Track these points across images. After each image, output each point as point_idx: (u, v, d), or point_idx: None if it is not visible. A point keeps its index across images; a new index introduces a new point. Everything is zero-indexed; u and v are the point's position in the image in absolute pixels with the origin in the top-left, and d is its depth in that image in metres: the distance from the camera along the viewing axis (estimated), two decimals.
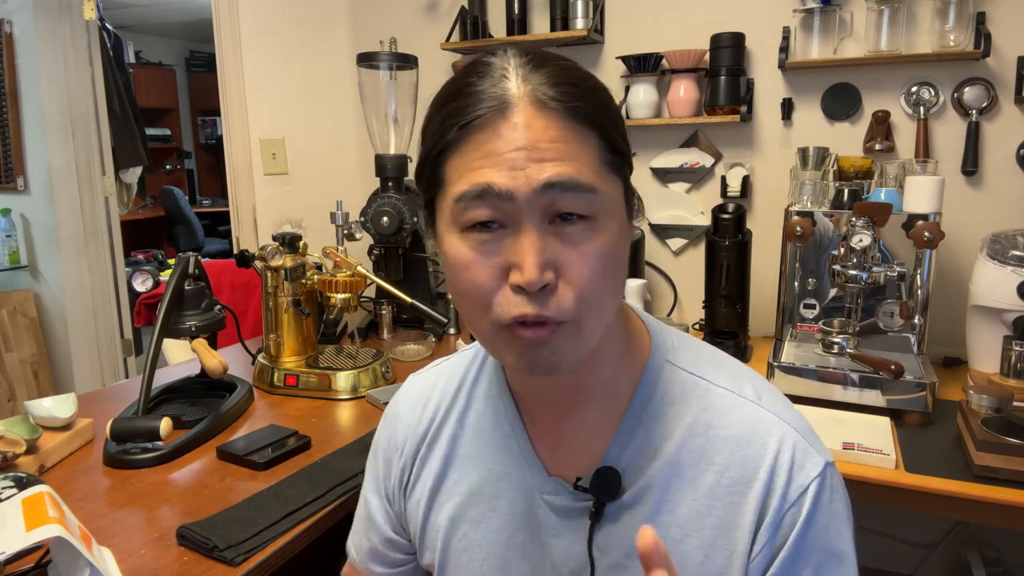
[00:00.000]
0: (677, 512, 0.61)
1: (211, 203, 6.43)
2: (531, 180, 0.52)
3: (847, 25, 1.81)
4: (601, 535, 0.63)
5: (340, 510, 1.05)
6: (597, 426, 0.64)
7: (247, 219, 2.37)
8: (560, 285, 0.53)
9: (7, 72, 2.80)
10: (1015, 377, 1.47)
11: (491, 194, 0.53)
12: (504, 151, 0.52)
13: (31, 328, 2.93)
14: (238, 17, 2.25)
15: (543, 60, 0.56)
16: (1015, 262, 1.48)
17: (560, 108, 0.53)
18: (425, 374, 0.79)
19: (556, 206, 0.53)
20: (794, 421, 0.62)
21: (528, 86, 0.54)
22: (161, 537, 0.95)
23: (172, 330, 1.35)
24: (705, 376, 0.64)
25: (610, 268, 0.55)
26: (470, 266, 0.55)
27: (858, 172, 1.68)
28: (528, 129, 0.53)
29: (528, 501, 0.66)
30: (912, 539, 1.90)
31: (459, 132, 0.54)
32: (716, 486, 0.60)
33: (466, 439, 0.71)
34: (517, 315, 0.54)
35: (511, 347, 0.56)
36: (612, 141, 0.56)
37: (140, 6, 5.13)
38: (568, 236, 0.54)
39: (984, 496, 1.12)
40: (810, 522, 0.58)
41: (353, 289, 1.51)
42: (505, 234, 0.54)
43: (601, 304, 0.56)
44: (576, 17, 2.01)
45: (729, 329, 1.77)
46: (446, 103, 0.56)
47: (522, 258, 0.52)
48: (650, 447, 0.62)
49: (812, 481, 0.58)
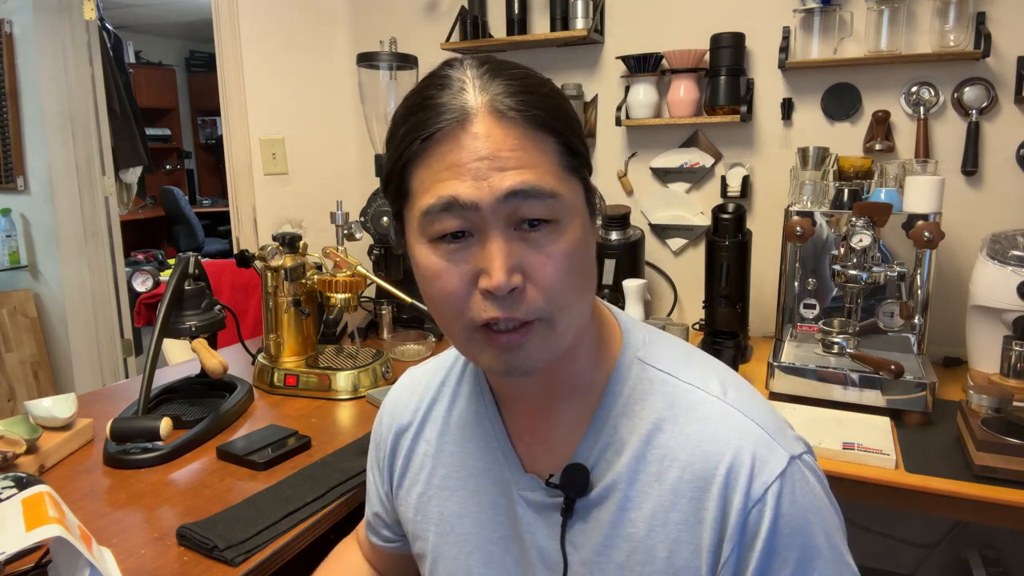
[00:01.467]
0: (642, 508, 0.61)
1: (211, 203, 6.44)
2: (494, 189, 0.54)
3: (847, 25, 1.81)
4: (573, 531, 0.64)
5: (340, 510, 1.05)
6: (571, 423, 0.66)
7: (247, 219, 2.37)
8: (528, 287, 0.56)
9: (7, 72, 2.80)
10: (1015, 377, 1.47)
11: (457, 206, 0.54)
12: (467, 161, 0.54)
13: (31, 328, 2.93)
14: (238, 17, 2.25)
15: (499, 69, 0.58)
16: (1015, 262, 1.48)
17: (518, 116, 0.55)
18: (420, 367, 0.83)
19: (520, 213, 0.55)
20: (759, 416, 0.62)
21: (486, 96, 0.55)
22: (161, 537, 0.95)
23: (172, 330, 1.35)
24: (673, 372, 0.65)
25: (576, 267, 0.57)
26: (441, 275, 0.57)
27: (858, 172, 1.68)
28: (488, 139, 0.54)
29: (507, 497, 0.69)
30: (912, 539, 1.90)
31: (422, 144, 0.56)
32: (679, 482, 0.60)
33: (451, 435, 0.73)
34: (488, 318, 0.56)
35: (485, 350, 0.58)
36: (570, 144, 0.58)
37: (140, 6, 5.13)
38: (533, 240, 0.56)
39: (984, 496, 1.12)
40: (778, 519, 0.57)
41: (353, 289, 1.51)
42: (473, 242, 0.56)
43: (570, 302, 0.58)
44: (576, 17, 2.01)
45: (729, 329, 1.76)
46: (408, 116, 0.58)
47: (490, 264, 0.54)
48: (617, 444, 0.63)
49: (776, 478, 0.58)
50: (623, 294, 1.87)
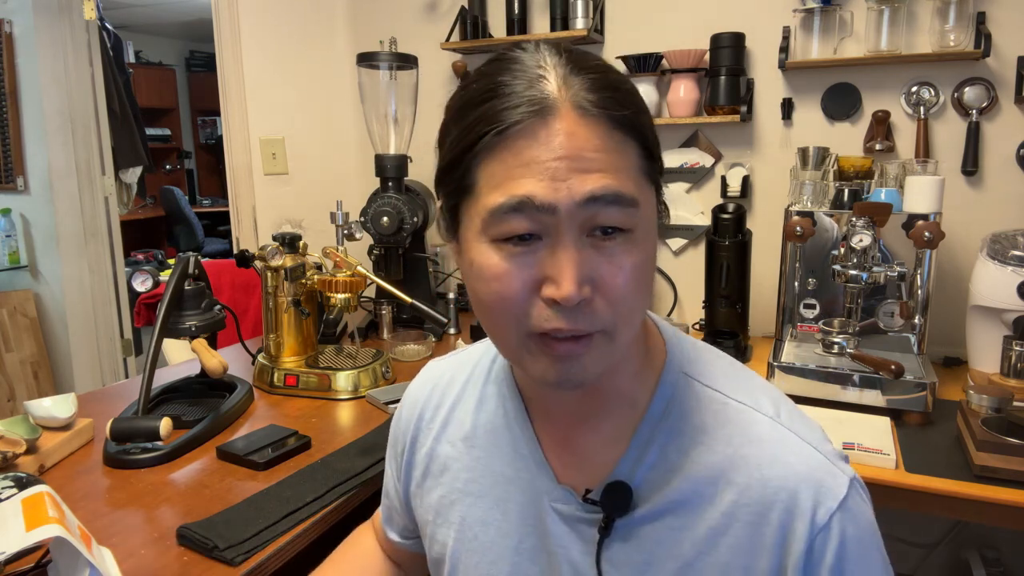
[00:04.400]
0: (693, 530, 0.59)
1: (211, 203, 6.43)
2: (574, 193, 0.50)
3: (847, 25, 1.81)
4: (612, 549, 0.61)
5: (340, 510, 1.05)
6: (610, 437, 0.63)
7: (247, 219, 2.37)
8: (596, 299, 0.52)
9: (7, 72, 2.80)
10: (1015, 377, 1.47)
11: (531, 206, 0.50)
12: (545, 160, 0.50)
13: (31, 328, 2.93)
14: (238, 17, 2.25)
15: (580, 60, 0.53)
16: (1015, 262, 1.48)
17: (602, 115, 0.51)
18: (441, 362, 0.79)
19: (597, 220, 0.51)
20: (815, 440, 0.60)
21: (570, 90, 0.51)
22: (161, 537, 0.95)
23: (172, 330, 1.35)
24: (722, 390, 0.62)
25: (644, 280, 0.54)
26: (501, 277, 0.52)
27: (858, 172, 1.68)
28: (571, 137, 0.50)
29: (537, 507, 0.65)
30: (912, 539, 1.90)
31: (496, 137, 0.51)
32: (735, 506, 0.58)
33: (477, 439, 0.70)
34: (550, 329, 0.52)
35: (539, 359, 0.55)
36: (649, 147, 0.54)
37: (140, 6, 5.13)
38: (606, 250, 0.52)
39: (984, 496, 1.12)
40: (844, 545, 0.55)
41: (353, 289, 1.51)
42: (541, 246, 0.52)
43: (633, 316, 0.55)
44: (576, 17, 2.01)
45: (729, 329, 1.77)
46: (476, 104, 0.53)
47: (560, 273, 0.50)
48: (665, 463, 0.60)
49: (839, 504, 0.56)
50: None
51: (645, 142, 0.54)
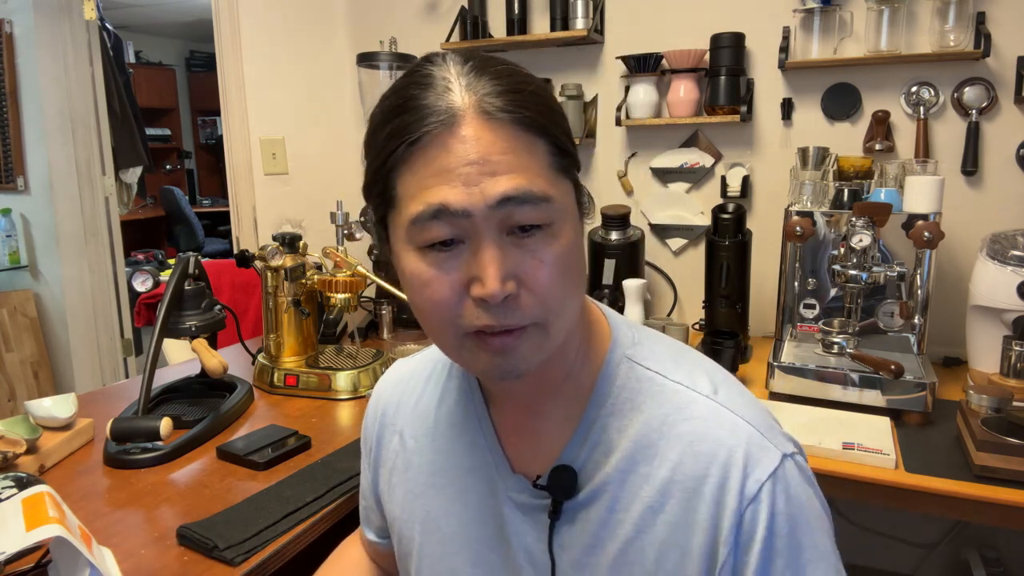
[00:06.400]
0: (631, 509, 0.60)
1: (211, 203, 6.43)
2: (486, 195, 0.52)
3: (847, 25, 1.81)
4: (561, 533, 0.63)
5: (340, 510, 1.05)
6: (559, 422, 0.65)
7: (247, 219, 2.37)
8: (522, 293, 0.54)
9: (7, 72, 2.80)
10: (1015, 377, 1.47)
11: (447, 213, 0.52)
12: (456, 167, 0.52)
13: (31, 328, 2.93)
14: (238, 17, 2.25)
15: (484, 66, 0.55)
16: (1015, 262, 1.48)
17: (507, 118, 0.53)
18: (406, 362, 0.81)
19: (513, 219, 0.53)
20: (750, 415, 0.61)
21: (473, 96, 0.53)
22: (161, 537, 0.95)
23: (172, 330, 1.35)
24: (661, 371, 0.64)
25: (569, 269, 0.56)
26: (431, 283, 0.55)
27: (858, 172, 1.68)
28: (478, 142, 0.52)
29: (495, 497, 0.67)
30: (912, 539, 1.90)
31: (407, 149, 0.53)
32: (669, 483, 0.59)
33: (438, 433, 0.72)
34: (481, 326, 0.54)
35: (478, 356, 0.57)
36: (560, 144, 0.56)
37: (140, 6, 5.13)
38: (527, 246, 0.54)
39: (984, 496, 1.12)
40: (774, 517, 0.56)
41: (353, 289, 1.51)
42: (463, 249, 0.54)
43: (563, 305, 0.57)
44: (576, 17, 2.01)
45: (729, 329, 1.76)
46: (390, 118, 0.55)
47: (483, 272, 0.52)
48: (605, 444, 0.62)
49: (769, 475, 0.57)
50: (623, 294, 1.87)
51: (554, 139, 0.56)
